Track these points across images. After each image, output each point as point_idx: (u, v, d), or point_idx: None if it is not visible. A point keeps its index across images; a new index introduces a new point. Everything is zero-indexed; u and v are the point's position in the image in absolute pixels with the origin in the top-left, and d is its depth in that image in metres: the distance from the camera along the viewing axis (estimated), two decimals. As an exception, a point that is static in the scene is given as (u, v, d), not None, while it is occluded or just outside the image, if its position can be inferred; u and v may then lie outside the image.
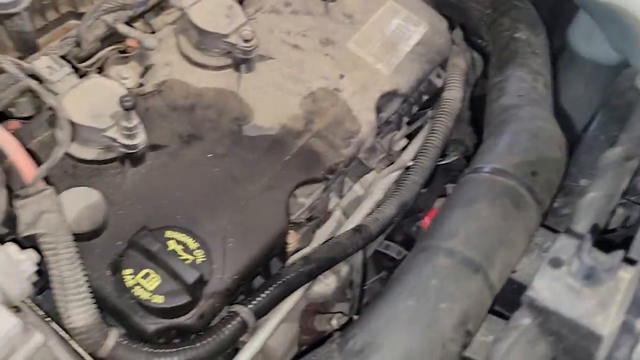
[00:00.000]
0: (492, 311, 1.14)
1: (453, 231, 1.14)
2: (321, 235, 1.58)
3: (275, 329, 1.41)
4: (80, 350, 1.12)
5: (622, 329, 0.79)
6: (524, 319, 0.95)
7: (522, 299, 0.87)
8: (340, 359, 1.01)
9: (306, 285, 1.43)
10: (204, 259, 1.22)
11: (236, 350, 1.32)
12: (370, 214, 1.53)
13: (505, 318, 1.22)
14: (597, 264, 0.86)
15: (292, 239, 1.49)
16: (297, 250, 1.49)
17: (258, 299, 1.28)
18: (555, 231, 1.19)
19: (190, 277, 1.17)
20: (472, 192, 1.20)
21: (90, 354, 1.20)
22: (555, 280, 0.86)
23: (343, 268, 1.63)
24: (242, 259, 1.30)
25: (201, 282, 1.18)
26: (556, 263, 0.87)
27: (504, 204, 1.18)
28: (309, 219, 1.52)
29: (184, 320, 1.21)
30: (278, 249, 1.42)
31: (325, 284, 1.57)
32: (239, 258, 1.29)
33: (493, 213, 1.16)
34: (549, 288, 0.85)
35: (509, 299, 1.23)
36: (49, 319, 1.22)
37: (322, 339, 1.65)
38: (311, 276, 1.38)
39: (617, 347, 0.78)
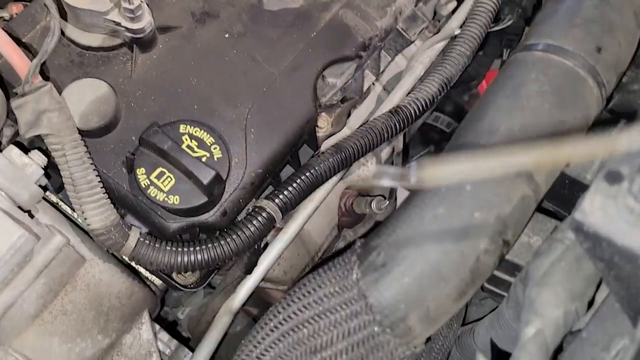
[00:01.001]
0: (539, 209, 1.02)
1: (494, 126, 0.99)
2: (359, 115, 1.46)
3: (311, 215, 1.35)
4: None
5: None
6: (571, 233, 0.83)
7: (569, 221, 0.74)
8: (359, 273, 0.93)
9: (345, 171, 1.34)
10: (221, 155, 1.14)
11: (265, 246, 1.28)
12: (410, 92, 1.38)
13: (554, 216, 1.10)
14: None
15: (324, 123, 1.37)
16: (330, 135, 1.38)
17: (285, 192, 1.20)
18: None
19: (206, 176, 1.09)
20: (520, 76, 1.02)
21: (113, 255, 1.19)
22: (611, 199, 0.72)
23: (384, 150, 1.53)
24: (266, 151, 1.21)
25: (218, 180, 1.11)
26: (614, 178, 0.72)
27: (559, 91, 1.00)
28: (342, 100, 1.38)
29: (206, 218, 1.16)
30: (307, 136, 1.31)
31: (366, 167, 1.48)
32: (262, 150, 1.20)
33: (544, 103, 0.99)
34: (601, 209, 0.72)
35: (559, 194, 1.10)
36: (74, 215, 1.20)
37: (362, 219, 1.60)
38: (343, 165, 1.28)
39: None
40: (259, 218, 1.16)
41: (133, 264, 1.25)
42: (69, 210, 1.22)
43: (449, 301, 0.94)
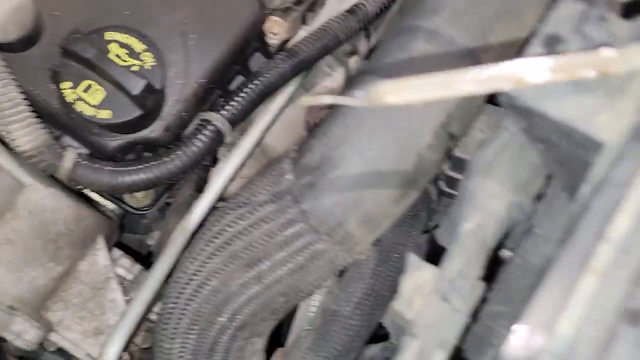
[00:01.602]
0: (492, 102, 0.91)
1: (437, 4, 0.87)
2: (319, 19, 1.34)
3: (268, 127, 1.27)
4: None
5: (632, 136, 0.56)
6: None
7: (500, 97, 0.64)
8: (292, 177, 0.85)
9: (302, 77, 1.25)
10: (154, 63, 1.05)
11: (215, 161, 1.21)
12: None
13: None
14: (610, 40, 0.61)
15: (279, 28, 1.27)
16: (286, 41, 1.28)
17: (233, 103, 1.12)
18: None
19: (136, 86, 1.01)
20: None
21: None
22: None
23: (352, 58, 1.42)
24: (209, 59, 1.11)
25: (151, 90, 1.03)
26: (551, 41, 0.62)
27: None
28: (297, 3, 1.27)
29: (147, 133, 1.08)
30: (256, 43, 1.21)
31: (332, 77, 1.38)
32: (205, 58, 1.11)
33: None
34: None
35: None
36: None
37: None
38: (298, 71, 1.18)
39: (620, 159, 0.56)
40: (205, 132, 1.09)
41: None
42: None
43: (390, 202, 0.86)
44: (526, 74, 0.55)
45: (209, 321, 0.91)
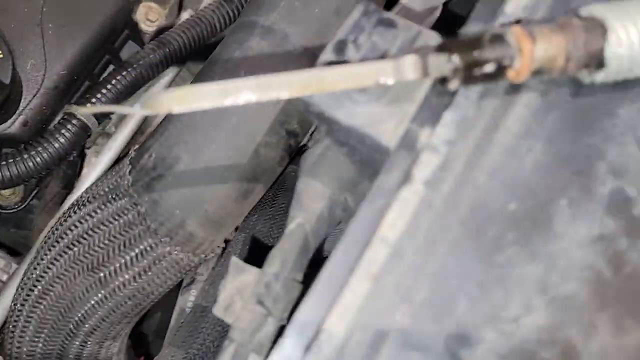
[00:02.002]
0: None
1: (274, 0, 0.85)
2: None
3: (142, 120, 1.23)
4: None
5: (401, 143, 0.55)
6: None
7: (297, 102, 0.62)
8: (130, 179, 0.83)
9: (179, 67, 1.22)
10: (1, 55, 1.00)
11: (83, 158, 1.17)
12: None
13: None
14: (393, 44, 0.59)
15: (155, 15, 1.23)
16: (164, 29, 1.24)
17: (98, 95, 1.08)
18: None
19: (-22, 81, 0.96)
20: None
21: None
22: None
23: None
24: (69, 49, 1.07)
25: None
26: (341, 47, 0.60)
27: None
28: None
29: (4, 129, 1.04)
30: (126, 31, 1.17)
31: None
32: (65, 48, 1.06)
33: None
34: None
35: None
36: None
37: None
38: (169, 61, 1.15)
39: (390, 168, 0.54)
40: (69, 126, 1.05)
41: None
42: None
43: (230, 202, 0.84)
44: (308, 82, 0.54)
45: (56, 328, 0.89)
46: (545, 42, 0.52)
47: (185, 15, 1.28)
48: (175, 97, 0.54)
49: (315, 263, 0.74)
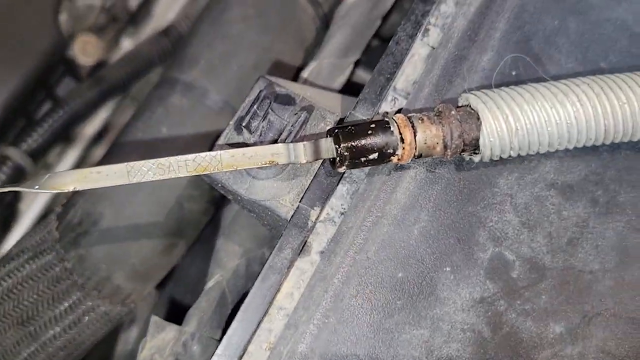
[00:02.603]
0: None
1: (195, 57, 0.88)
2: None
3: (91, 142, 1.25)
4: None
5: (292, 222, 0.59)
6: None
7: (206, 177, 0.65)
8: (56, 234, 0.85)
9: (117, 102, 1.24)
10: None
11: (16, 197, 1.18)
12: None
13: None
14: (283, 124, 0.62)
15: (93, 49, 1.25)
16: (104, 62, 1.27)
17: (34, 136, 1.10)
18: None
19: None
20: (224, 0, 0.91)
21: None
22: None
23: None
24: (3, 89, 1.08)
25: None
26: (240, 126, 0.62)
27: (265, 13, 0.90)
28: (113, 20, 1.26)
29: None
30: (60, 68, 1.19)
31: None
32: (-3, 90, 1.08)
33: (248, 27, 0.89)
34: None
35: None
36: None
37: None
38: (106, 97, 1.17)
39: (281, 246, 0.58)
40: (4, 169, 1.07)
41: None
42: None
43: (156, 255, 0.87)
44: (206, 164, 0.58)
45: (-12, 381, 0.90)
46: (425, 132, 0.57)
47: (125, 46, 1.31)
48: (77, 177, 0.56)
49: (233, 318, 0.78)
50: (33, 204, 1.24)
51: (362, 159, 0.56)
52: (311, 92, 0.75)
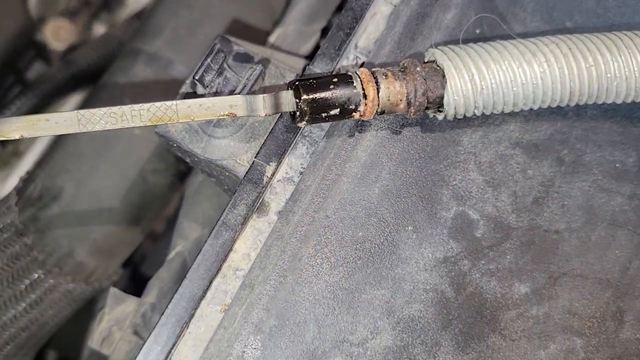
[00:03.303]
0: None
1: (158, 27, 0.86)
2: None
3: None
4: None
5: (246, 178, 0.56)
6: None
7: (156, 133, 0.63)
8: (16, 209, 0.82)
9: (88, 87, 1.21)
10: None
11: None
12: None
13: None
14: (240, 82, 0.60)
15: (66, 33, 1.23)
16: (77, 46, 1.25)
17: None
18: None
19: None
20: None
21: None
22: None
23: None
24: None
25: None
26: (199, 81, 0.61)
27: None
28: (86, 4, 1.24)
29: None
30: (30, 52, 1.17)
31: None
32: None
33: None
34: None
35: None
36: None
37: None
38: (79, 81, 1.15)
39: (235, 203, 0.55)
40: None
41: None
42: None
43: (120, 230, 0.84)
44: (162, 114, 0.56)
45: (-53, 363, 0.87)
46: (389, 88, 0.55)
47: (98, 31, 1.28)
48: (24, 125, 0.54)
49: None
50: (5, 187, 1.21)
51: (323, 114, 0.54)
52: (274, 55, 0.73)
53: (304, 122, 0.56)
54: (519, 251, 0.60)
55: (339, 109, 0.55)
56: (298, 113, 0.55)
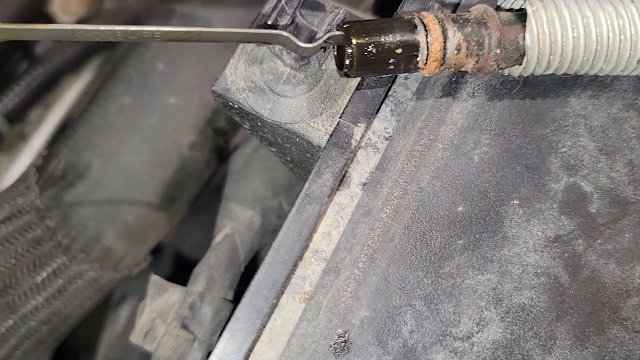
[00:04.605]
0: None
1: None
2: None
3: (73, 107, 1.14)
4: None
5: (331, 142, 0.47)
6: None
7: (214, 95, 0.54)
8: (36, 189, 0.73)
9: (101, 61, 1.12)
10: None
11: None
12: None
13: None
14: (313, 31, 0.51)
15: (75, 6, 1.14)
16: (85, 21, 1.15)
17: (10, 95, 0.98)
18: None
19: None
20: None
21: None
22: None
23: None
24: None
25: None
26: (267, 24, 0.52)
27: None
28: None
29: None
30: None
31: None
32: (-35, 45, 0.96)
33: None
34: (245, 79, 0.51)
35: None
36: None
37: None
38: (89, 55, 1.05)
39: (319, 171, 0.47)
40: None
41: None
42: None
43: (153, 210, 0.76)
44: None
45: (-41, 361, 0.78)
46: (457, 37, 0.45)
47: (108, 4, 1.20)
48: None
49: (248, 278, 0.67)
50: (11, 172, 1.12)
51: (376, 65, 0.45)
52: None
53: (354, 72, 0.45)
54: (639, 229, 0.51)
55: (396, 59, 0.45)
56: (347, 60, 0.45)
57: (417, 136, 0.51)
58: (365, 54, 0.43)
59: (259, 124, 0.54)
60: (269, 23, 0.48)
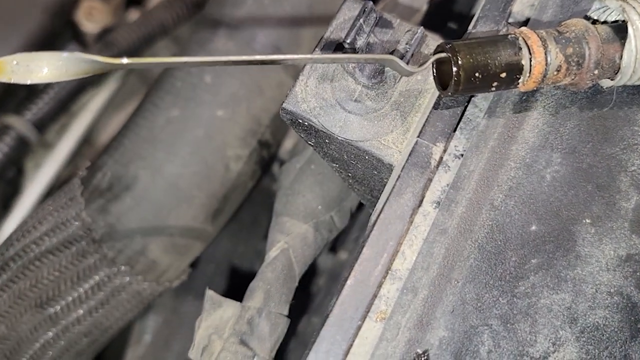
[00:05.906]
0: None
1: (241, -4, 0.77)
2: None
3: (90, 126, 1.13)
4: None
5: (411, 161, 0.47)
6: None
7: (281, 112, 0.54)
8: (82, 201, 0.73)
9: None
10: None
11: (19, 171, 1.05)
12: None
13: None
14: (385, 49, 0.51)
15: (99, 14, 1.14)
16: (110, 29, 1.15)
17: (38, 104, 0.98)
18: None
19: None
20: None
21: None
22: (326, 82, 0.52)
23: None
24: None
25: None
26: (346, 42, 0.51)
27: None
28: None
29: None
30: (67, 33, 1.07)
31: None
32: (-3, 53, 0.95)
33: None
34: (315, 95, 0.51)
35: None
36: None
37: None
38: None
39: (400, 191, 0.47)
40: (5, 139, 0.94)
41: None
42: None
43: (199, 223, 0.75)
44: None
45: (0, 372, 0.78)
46: (556, 53, 0.46)
47: (133, 13, 1.19)
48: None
49: (300, 293, 0.67)
50: (36, 180, 1.11)
51: (480, 88, 0.45)
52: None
53: (459, 90, 0.46)
54: None
55: (500, 77, 0.45)
56: (454, 79, 0.45)
57: (489, 154, 0.51)
58: (472, 78, 0.43)
59: (327, 141, 0.54)
60: (348, 41, 0.48)
